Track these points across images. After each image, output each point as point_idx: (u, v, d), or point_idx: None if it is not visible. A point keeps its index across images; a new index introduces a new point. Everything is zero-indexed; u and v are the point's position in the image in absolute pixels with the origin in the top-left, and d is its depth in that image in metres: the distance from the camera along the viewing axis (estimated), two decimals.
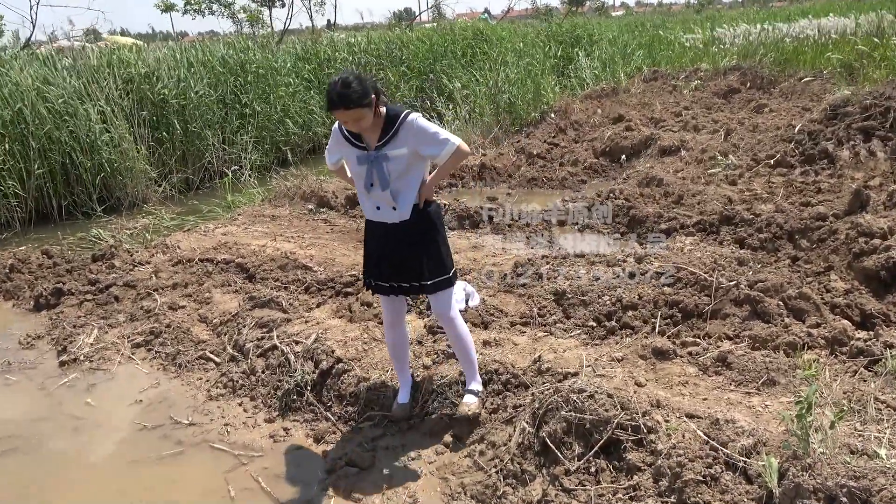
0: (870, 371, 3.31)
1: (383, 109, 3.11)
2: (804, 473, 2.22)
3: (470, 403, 3.52)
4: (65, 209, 9.49)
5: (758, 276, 4.33)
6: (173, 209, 9.22)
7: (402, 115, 3.11)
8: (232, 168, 10.45)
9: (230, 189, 9.40)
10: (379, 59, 15.23)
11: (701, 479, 2.52)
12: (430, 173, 3.36)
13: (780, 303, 4.04)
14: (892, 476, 2.13)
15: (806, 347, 3.61)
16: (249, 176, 10.19)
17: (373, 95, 2.95)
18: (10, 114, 8.75)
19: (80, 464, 3.73)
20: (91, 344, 5.01)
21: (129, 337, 5.07)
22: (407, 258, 3.29)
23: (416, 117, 3.12)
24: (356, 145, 3.19)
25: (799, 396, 3.04)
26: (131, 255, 6.51)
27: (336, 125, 3.25)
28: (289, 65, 12.87)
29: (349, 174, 3.51)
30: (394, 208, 3.22)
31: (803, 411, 2.28)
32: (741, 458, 2.50)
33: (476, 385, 3.61)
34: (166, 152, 10.50)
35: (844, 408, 2.92)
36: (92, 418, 4.17)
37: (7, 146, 8.63)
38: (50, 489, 3.53)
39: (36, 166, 8.89)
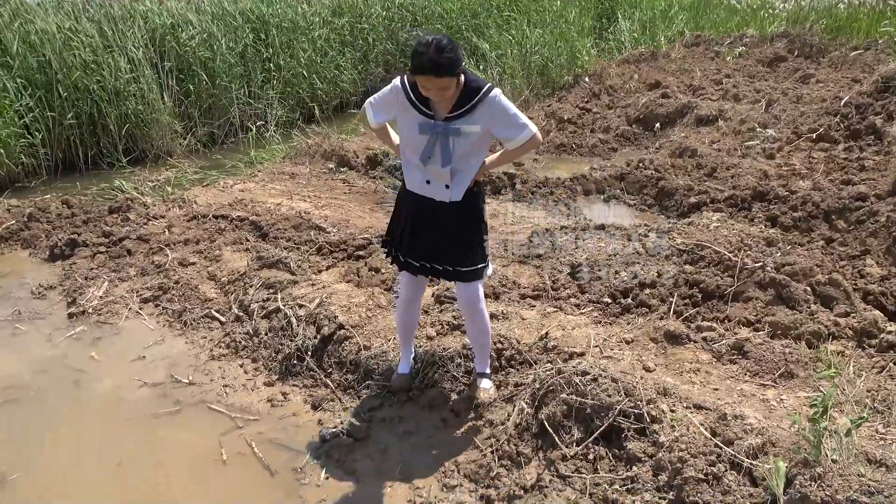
0: None
1: (462, 78, 2.80)
2: (813, 484, 2.03)
3: (488, 388, 3.41)
4: (91, 159, 9.49)
5: (786, 258, 4.07)
6: (197, 163, 9.17)
7: (485, 88, 2.81)
8: (257, 123, 10.34)
9: (253, 144, 9.31)
10: (414, 14, 14.83)
11: (702, 477, 2.36)
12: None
13: (808, 288, 3.80)
14: None
15: (831, 338, 3.39)
16: (274, 132, 10.08)
17: (463, 64, 2.70)
18: (37, 61, 8.71)
19: (75, 419, 3.71)
20: (100, 297, 4.98)
21: (138, 291, 5.03)
22: (448, 240, 3.04)
23: (499, 93, 2.83)
24: (423, 111, 2.86)
25: (818, 392, 2.84)
26: (147, 209, 6.46)
27: (399, 81, 2.92)
28: (321, 17, 12.53)
29: (394, 140, 3.21)
30: (447, 186, 2.94)
31: (817, 416, 2.09)
32: (746, 459, 2.32)
33: (488, 368, 3.49)
34: (192, 105, 10.41)
35: (867, 406, 2.71)
36: (94, 372, 4.15)
37: (32, 92, 8.60)
38: (42, 444, 3.52)
39: (65, 115, 8.86)
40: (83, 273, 5.35)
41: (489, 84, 2.84)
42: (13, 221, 6.34)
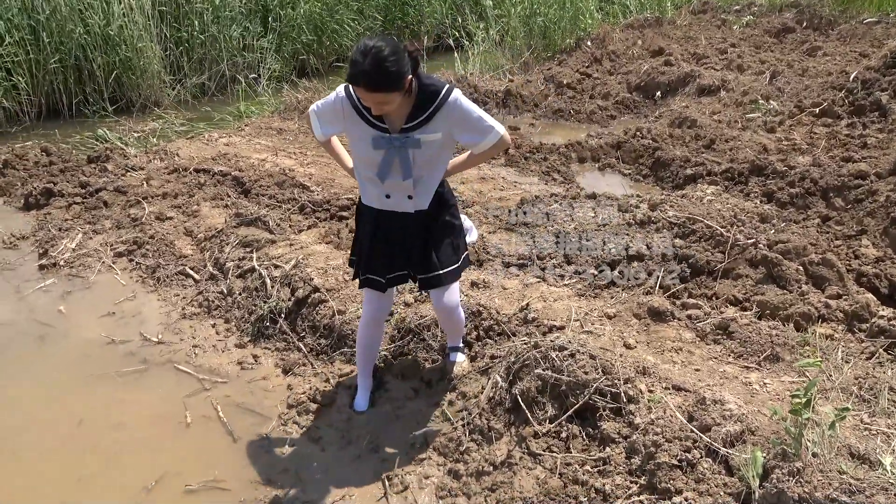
0: (889, 355, 2.95)
1: (415, 83, 2.46)
2: (790, 479, 1.92)
3: (461, 362, 3.29)
4: (75, 106, 9.23)
5: (779, 235, 3.93)
6: (185, 114, 8.92)
7: (442, 93, 2.47)
8: (250, 76, 10.06)
9: (244, 97, 9.06)
10: None
11: (676, 463, 2.25)
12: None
13: (800, 267, 3.66)
14: (895, 495, 1.83)
15: (821, 320, 3.26)
16: (266, 85, 9.81)
17: (409, 76, 2.35)
18: (23, 2, 8.37)
19: (38, 375, 3.60)
20: (73, 249, 4.83)
21: (111, 245, 4.88)
22: (422, 247, 2.76)
23: (458, 97, 2.50)
24: (375, 125, 2.51)
25: (803, 377, 2.73)
26: (126, 160, 6.26)
27: (344, 90, 2.56)
28: None
29: (342, 156, 2.90)
30: (410, 197, 2.66)
31: (800, 406, 1.97)
32: (723, 447, 2.21)
33: (461, 343, 3.35)
34: (183, 54, 10.09)
35: (853, 394, 2.60)
36: (61, 327, 4.03)
37: (18, 37, 8.29)
38: (1, 400, 3.40)
39: (50, 59, 8.56)
40: (57, 224, 5.19)
41: (447, 85, 2.51)
42: None
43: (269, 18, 10.95)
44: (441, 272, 2.80)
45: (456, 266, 2.86)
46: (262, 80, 10.00)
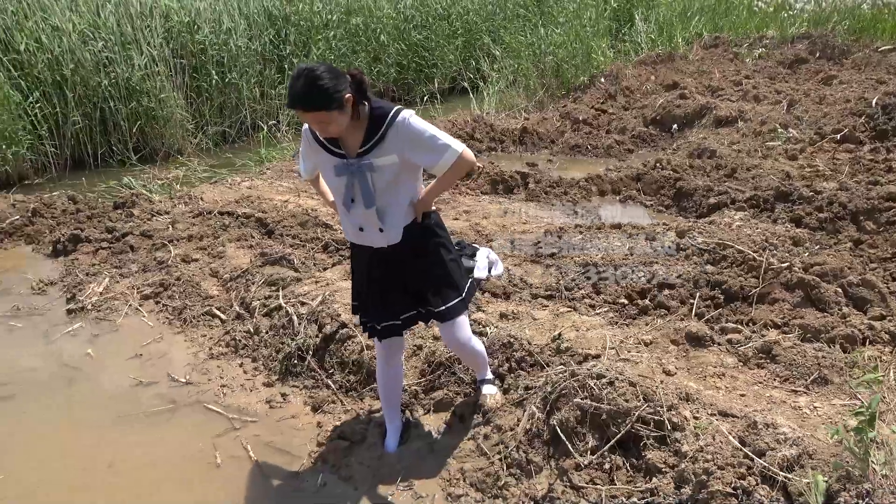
0: None
1: (366, 106, 2.49)
2: (860, 502, 1.82)
3: (494, 394, 3.20)
4: (101, 157, 9.41)
5: (814, 258, 3.85)
6: (207, 161, 9.05)
7: (391, 113, 2.48)
8: (269, 122, 10.23)
9: (265, 143, 9.20)
10: (426, 16, 14.69)
11: (731, 491, 2.15)
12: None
13: (839, 289, 3.57)
14: None
15: (867, 342, 3.16)
16: (286, 131, 9.96)
17: (347, 94, 2.34)
18: (47, 59, 8.61)
19: (67, 418, 3.57)
20: (100, 293, 4.85)
21: (138, 288, 4.89)
22: (409, 285, 2.74)
23: (408, 116, 2.49)
24: (333, 152, 2.55)
25: (856, 400, 2.63)
26: (151, 205, 6.33)
27: (306, 125, 2.61)
28: (336, 17, 12.40)
29: (327, 194, 2.91)
30: (380, 230, 2.62)
31: (864, 424, 1.88)
32: (780, 472, 2.11)
33: (489, 374, 3.27)
34: (204, 103, 10.31)
35: None
36: (89, 370, 4.01)
37: (43, 91, 8.52)
38: (32, 444, 3.37)
39: (75, 112, 8.77)
40: (84, 269, 5.23)
41: (397, 107, 2.51)
42: (17, 217, 6.24)
43: (285, 66, 11.19)
44: (443, 308, 2.74)
45: (459, 299, 2.78)
46: (282, 126, 10.16)
